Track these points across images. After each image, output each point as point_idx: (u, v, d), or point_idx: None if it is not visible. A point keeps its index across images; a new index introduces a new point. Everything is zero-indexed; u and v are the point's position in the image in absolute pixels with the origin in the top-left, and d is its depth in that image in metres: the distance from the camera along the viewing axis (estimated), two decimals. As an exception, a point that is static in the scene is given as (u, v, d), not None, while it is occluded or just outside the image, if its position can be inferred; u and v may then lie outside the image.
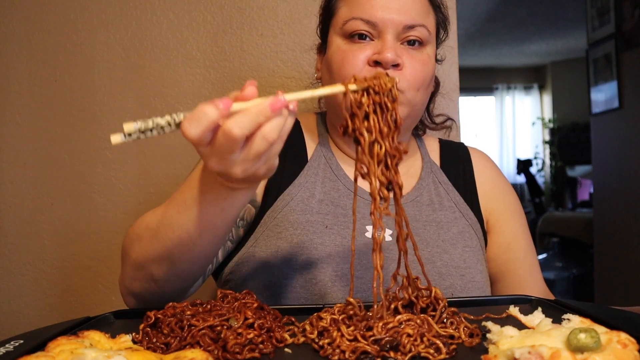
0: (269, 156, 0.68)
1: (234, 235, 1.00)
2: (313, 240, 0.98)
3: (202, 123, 0.63)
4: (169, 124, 0.66)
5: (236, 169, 0.67)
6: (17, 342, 0.63)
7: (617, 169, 3.36)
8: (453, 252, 1.02)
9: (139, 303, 0.90)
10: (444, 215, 1.06)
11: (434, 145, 1.19)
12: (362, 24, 0.96)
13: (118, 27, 1.56)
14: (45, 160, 1.58)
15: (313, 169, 1.06)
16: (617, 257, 3.38)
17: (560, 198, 6.99)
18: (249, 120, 0.63)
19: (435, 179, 1.11)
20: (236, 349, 0.63)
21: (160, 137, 1.56)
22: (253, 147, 0.65)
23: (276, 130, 0.65)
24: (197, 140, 0.64)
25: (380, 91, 0.70)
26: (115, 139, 0.64)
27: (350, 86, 0.70)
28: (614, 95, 3.32)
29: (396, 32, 0.96)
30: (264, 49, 1.56)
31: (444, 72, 1.51)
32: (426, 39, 0.99)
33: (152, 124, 0.65)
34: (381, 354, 0.61)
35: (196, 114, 0.63)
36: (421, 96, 1.00)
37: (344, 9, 1.00)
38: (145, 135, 0.65)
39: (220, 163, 0.67)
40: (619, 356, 0.52)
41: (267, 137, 0.65)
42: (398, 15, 0.96)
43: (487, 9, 5.23)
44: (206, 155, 0.67)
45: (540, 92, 8.04)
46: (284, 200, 1.01)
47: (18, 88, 1.57)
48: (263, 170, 0.70)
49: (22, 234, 1.58)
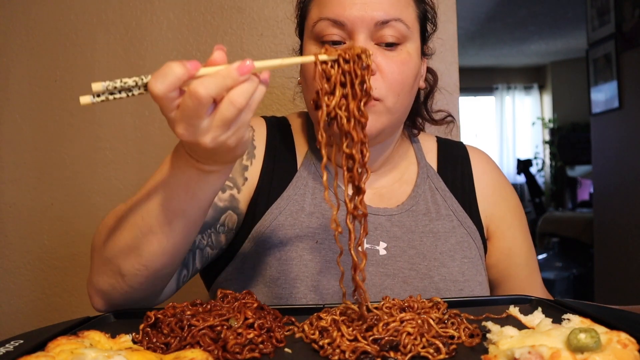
0: (238, 125, 0.66)
1: (213, 240, 0.94)
2: (303, 257, 0.93)
3: (167, 78, 0.61)
4: (137, 85, 0.64)
5: (205, 137, 0.65)
6: (17, 342, 0.63)
7: (617, 169, 3.36)
8: (451, 265, 0.98)
9: (107, 304, 0.85)
10: (441, 225, 1.01)
11: (431, 146, 1.13)
12: (330, 25, 0.89)
13: (118, 27, 1.56)
14: (45, 160, 1.58)
15: (302, 179, 1.00)
16: (617, 257, 3.38)
17: (560, 198, 6.99)
18: (215, 81, 0.61)
19: (431, 185, 1.06)
20: (236, 349, 0.63)
21: (160, 137, 1.56)
22: (221, 112, 0.63)
23: (245, 95, 0.63)
24: (162, 95, 0.62)
25: (350, 58, 0.69)
26: (84, 100, 0.63)
27: (320, 56, 0.69)
28: (614, 95, 3.32)
29: (368, 31, 0.88)
30: (264, 49, 1.56)
31: (444, 72, 1.51)
32: (404, 35, 0.90)
33: (120, 84, 0.64)
34: (381, 354, 0.61)
35: (162, 70, 0.62)
36: (403, 100, 0.92)
37: (314, 10, 0.93)
38: (114, 96, 0.64)
39: (188, 130, 0.64)
40: (619, 356, 0.52)
41: (235, 102, 0.63)
42: (368, 10, 0.87)
43: (487, 9, 5.23)
44: (174, 120, 0.65)
45: (540, 92, 8.04)
46: (272, 214, 0.96)
47: (18, 88, 1.57)
48: (233, 140, 0.67)
49: (22, 234, 1.58)
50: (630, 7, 3.11)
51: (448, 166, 1.09)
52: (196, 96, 0.61)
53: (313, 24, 0.91)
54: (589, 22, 3.60)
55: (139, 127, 1.57)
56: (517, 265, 1.08)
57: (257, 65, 0.64)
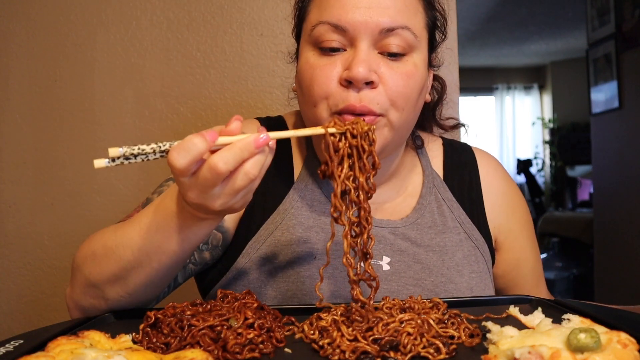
0: (247, 191, 0.69)
1: (197, 258, 0.93)
2: (300, 273, 0.90)
3: (190, 153, 0.63)
4: (154, 152, 0.67)
5: (215, 202, 0.68)
6: (17, 342, 0.63)
7: (617, 169, 3.36)
8: (459, 280, 0.93)
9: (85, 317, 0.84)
10: (448, 238, 0.96)
11: (437, 150, 1.07)
12: (331, 30, 0.82)
13: (118, 27, 1.56)
14: (45, 160, 1.58)
15: (300, 191, 0.95)
16: (617, 257, 3.38)
17: (560, 198, 6.99)
18: (233, 155, 0.64)
19: (438, 195, 1.00)
20: (236, 349, 0.63)
21: (160, 137, 1.56)
22: (235, 182, 0.66)
23: (258, 166, 0.66)
24: (183, 170, 0.64)
25: (358, 134, 0.72)
26: (98, 164, 0.66)
27: (329, 129, 0.72)
28: (614, 95, 3.32)
29: (372, 38, 0.81)
30: (264, 49, 1.56)
31: (444, 72, 1.51)
32: (411, 45, 0.83)
33: (137, 150, 0.66)
34: (381, 354, 0.61)
35: (185, 144, 0.63)
36: (407, 115, 0.86)
37: (314, 12, 0.86)
38: (129, 161, 0.67)
39: (200, 196, 0.67)
40: (619, 356, 0.51)
41: (249, 174, 0.66)
42: (372, 15, 0.80)
43: (487, 9, 5.23)
44: (187, 187, 0.67)
45: (540, 92, 8.04)
46: (268, 230, 0.93)
47: (18, 88, 1.57)
48: (240, 204, 0.71)
49: (22, 234, 1.58)
50: (630, 7, 3.11)
51: (455, 173, 1.04)
52: (216, 171, 0.64)
53: (312, 28, 0.85)
54: (589, 22, 3.60)
55: (139, 127, 1.57)
56: (525, 275, 1.06)
57: (271, 135, 0.67)
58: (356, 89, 0.81)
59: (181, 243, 0.75)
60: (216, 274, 0.95)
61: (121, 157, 0.66)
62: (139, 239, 0.76)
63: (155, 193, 0.95)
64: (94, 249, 0.81)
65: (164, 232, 0.75)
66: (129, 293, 0.80)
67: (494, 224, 1.02)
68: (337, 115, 0.82)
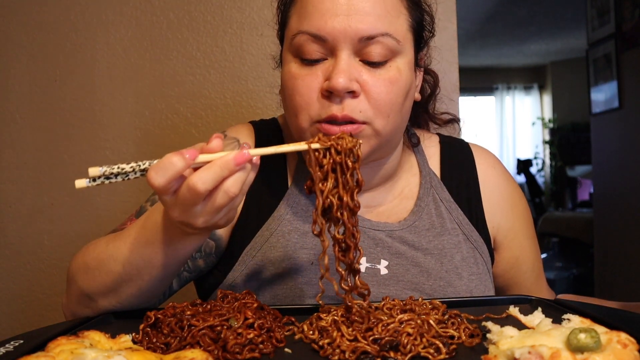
0: (229, 208, 0.70)
1: (190, 266, 0.93)
2: (298, 279, 0.89)
3: (168, 172, 0.64)
4: (134, 170, 0.68)
5: (197, 220, 0.68)
6: (17, 342, 0.63)
7: (617, 169, 3.36)
8: (458, 283, 0.93)
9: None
10: (446, 240, 0.95)
11: (434, 148, 1.05)
12: (310, 40, 0.81)
13: (118, 27, 1.56)
14: (45, 160, 1.58)
15: (294, 196, 0.94)
16: (617, 257, 3.38)
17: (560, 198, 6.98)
18: (212, 174, 0.64)
19: (435, 195, 0.99)
20: (236, 349, 0.63)
21: (160, 137, 1.56)
22: (215, 201, 0.66)
23: (238, 184, 0.66)
24: (162, 188, 0.65)
25: (342, 151, 0.71)
26: (79, 184, 0.67)
27: (312, 145, 0.71)
28: (614, 95, 3.32)
29: (352, 47, 0.80)
30: (264, 49, 1.56)
31: (444, 72, 1.51)
32: (393, 50, 0.82)
33: (117, 170, 0.67)
34: (381, 354, 0.61)
35: (163, 163, 0.64)
36: (394, 121, 0.84)
37: (294, 18, 0.85)
38: (109, 180, 0.68)
39: (182, 214, 0.68)
40: (619, 356, 0.52)
41: (229, 192, 0.66)
42: (351, 23, 0.79)
43: (487, 9, 5.23)
44: (169, 205, 0.68)
45: (540, 92, 8.04)
46: (263, 237, 0.92)
47: (18, 88, 1.57)
48: (223, 221, 0.71)
49: (22, 234, 1.58)
50: (630, 7, 3.11)
51: (453, 172, 1.02)
52: (195, 191, 0.64)
53: (292, 36, 0.84)
54: (589, 22, 3.60)
55: (139, 127, 1.57)
56: (524, 273, 1.05)
57: (251, 152, 0.67)
58: (337, 98, 0.81)
59: (170, 256, 0.77)
60: (213, 282, 0.95)
61: (102, 177, 0.67)
62: (128, 253, 0.78)
63: (149, 201, 0.96)
64: (86, 261, 0.83)
65: (153, 246, 0.76)
66: (121, 303, 0.82)
67: (493, 223, 1.01)
68: (318, 124, 0.82)
